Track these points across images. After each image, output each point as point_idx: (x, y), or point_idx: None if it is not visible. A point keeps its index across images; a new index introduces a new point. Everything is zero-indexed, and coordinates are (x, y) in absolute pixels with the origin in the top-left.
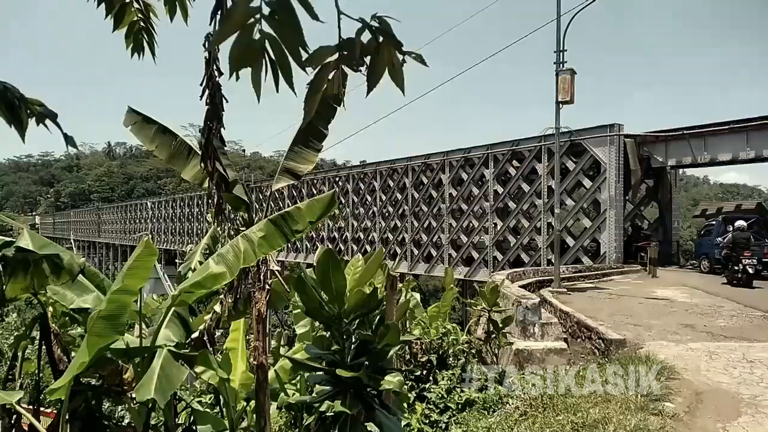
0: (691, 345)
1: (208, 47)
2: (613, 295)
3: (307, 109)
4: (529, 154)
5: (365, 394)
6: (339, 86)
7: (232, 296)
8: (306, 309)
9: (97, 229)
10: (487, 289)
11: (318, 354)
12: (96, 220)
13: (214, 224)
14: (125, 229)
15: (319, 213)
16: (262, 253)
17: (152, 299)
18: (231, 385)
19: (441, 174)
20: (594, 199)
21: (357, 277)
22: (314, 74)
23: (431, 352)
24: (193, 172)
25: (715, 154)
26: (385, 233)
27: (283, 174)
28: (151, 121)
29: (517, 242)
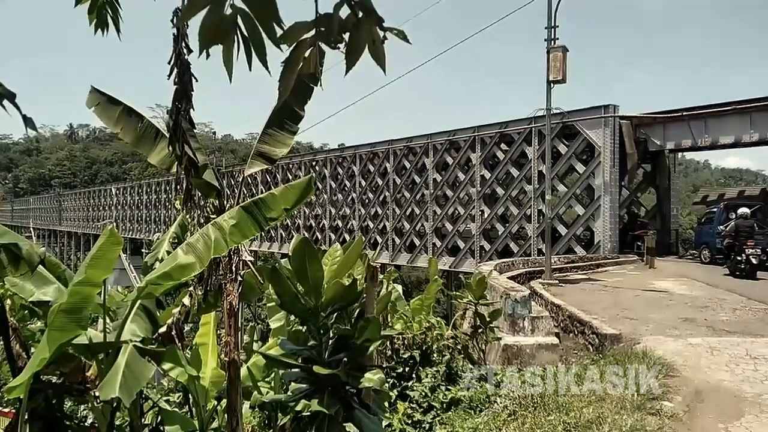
0: (691, 340)
1: (176, 23)
2: (608, 287)
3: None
4: (518, 137)
5: (344, 393)
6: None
7: (201, 288)
8: (281, 302)
9: (58, 216)
10: (474, 281)
11: (293, 350)
12: (57, 207)
13: (183, 211)
14: (88, 216)
15: (294, 199)
16: (233, 242)
17: (117, 291)
18: (201, 383)
19: (424, 158)
20: (587, 185)
21: (335, 268)
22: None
23: (414, 347)
24: (160, 156)
25: (717, 137)
26: (365, 221)
27: (257, 158)
28: (115, 101)
29: (505, 231)
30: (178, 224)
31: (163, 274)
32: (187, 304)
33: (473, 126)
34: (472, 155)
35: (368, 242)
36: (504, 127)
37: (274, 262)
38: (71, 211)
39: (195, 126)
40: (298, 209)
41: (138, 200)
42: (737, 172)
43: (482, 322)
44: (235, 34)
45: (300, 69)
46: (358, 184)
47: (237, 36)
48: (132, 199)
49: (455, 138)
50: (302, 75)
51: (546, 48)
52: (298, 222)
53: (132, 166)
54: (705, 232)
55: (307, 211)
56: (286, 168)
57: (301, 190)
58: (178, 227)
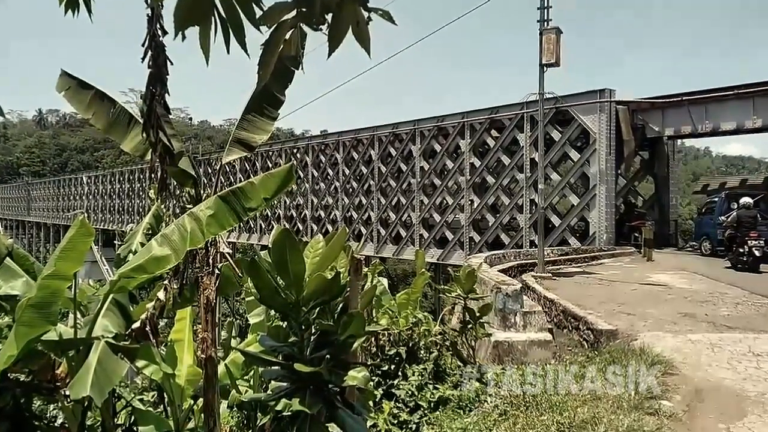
0: (691, 336)
1: (150, 2)
2: (604, 280)
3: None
4: (509, 123)
5: (326, 392)
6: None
7: (177, 282)
8: (260, 296)
9: (26, 206)
10: (463, 274)
11: (273, 346)
12: (25, 196)
13: (158, 201)
14: (58, 206)
15: (274, 188)
16: (211, 233)
17: (88, 285)
18: (176, 381)
19: (411, 145)
20: (582, 173)
21: (317, 261)
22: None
23: (400, 344)
24: (133, 143)
25: (718, 123)
26: (349, 211)
27: (235, 145)
28: (87, 86)
29: (496, 221)
30: (152, 215)
31: (137, 266)
32: (162, 298)
33: (462, 111)
34: (461, 142)
35: (352, 233)
36: (495, 112)
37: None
38: (40, 200)
39: (170, 111)
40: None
41: (110, 189)
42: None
43: (472, 318)
44: (212, 15)
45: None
46: (342, 172)
47: (214, 17)
48: (104, 188)
49: (443, 124)
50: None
51: (539, 29)
52: (279, 212)
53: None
54: (705, 223)
55: (288, 200)
56: (266, 156)
57: (281, 178)
58: (152, 218)
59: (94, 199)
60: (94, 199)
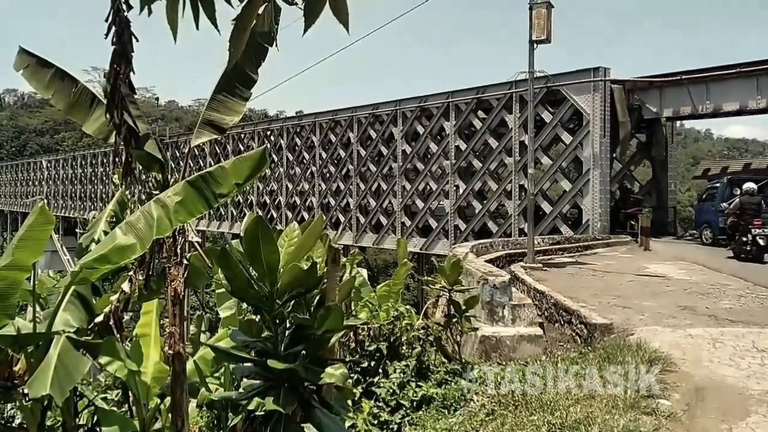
0: (691, 331)
1: None
2: (598, 271)
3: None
4: (497, 104)
5: (302, 390)
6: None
7: (143, 273)
8: (231, 288)
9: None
10: (448, 265)
11: (245, 342)
12: None
13: (122, 187)
14: (15, 192)
15: (247, 173)
16: (179, 221)
17: (48, 276)
18: (142, 379)
19: (392, 127)
20: (575, 157)
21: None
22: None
23: (381, 339)
24: (96, 124)
25: (720, 104)
26: (326, 198)
27: (205, 127)
28: (47, 64)
29: (483, 208)
30: (116, 201)
31: (100, 257)
32: (126, 290)
33: (447, 91)
34: (445, 124)
35: (329, 221)
36: (481, 92)
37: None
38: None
39: (135, 91)
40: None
41: (72, 174)
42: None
43: (457, 311)
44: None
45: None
46: (318, 156)
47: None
48: (65, 172)
49: (427, 105)
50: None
51: (528, 3)
52: (251, 199)
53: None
54: (706, 210)
55: (261, 186)
56: (238, 138)
57: (254, 162)
58: (116, 204)
59: (55, 184)
60: (55, 185)
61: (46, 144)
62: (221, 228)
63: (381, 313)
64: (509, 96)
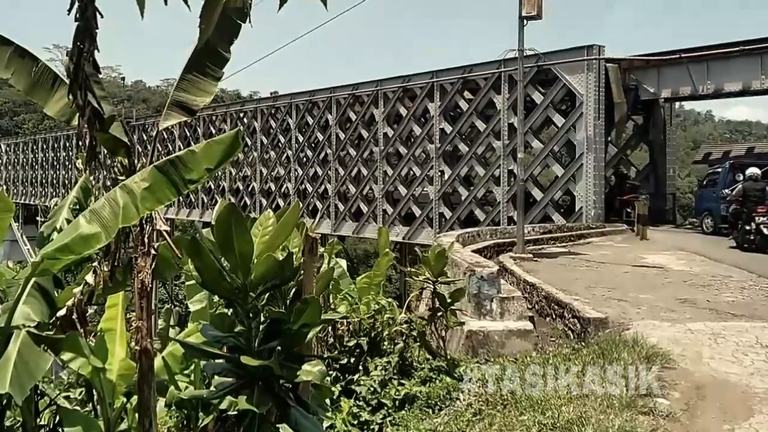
0: (691, 325)
1: None
2: (592, 262)
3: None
4: (484, 84)
5: (277, 388)
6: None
7: (108, 264)
8: (202, 280)
9: None
10: (432, 255)
11: (217, 337)
12: None
13: (86, 172)
14: None
15: (218, 158)
16: (146, 208)
17: (7, 267)
18: (107, 377)
19: (373, 108)
20: (567, 141)
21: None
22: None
23: (361, 334)
24: (58, 106)
25: (722, 84)
26: (303, 184)
27: (173, 108)
28: (5, 41)
29: (469, 195)
30: (80, 187)
31: (62, 246)
32: (90, 282)
33: (431, 71)
34: (429, 105)
35: (306, 208)
36: (468, 71)
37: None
38: None
39: (100, 70)
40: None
41: (33, 159)
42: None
43: (442, 304)
44: None
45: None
46: (295, 139)
47: None
48: (25, 157)
49: (410, 85)
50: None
51: None
52: (223, 185)
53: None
54: (707, 197)
55: (234, 171)
56: (209, 121)
57: (226, 146)
58: (79, 191)
59: (14, 169)
60: (14, 170)
61: (4, 126)
62: (191, 216)
63: (361, 307)
64: (497, 75)
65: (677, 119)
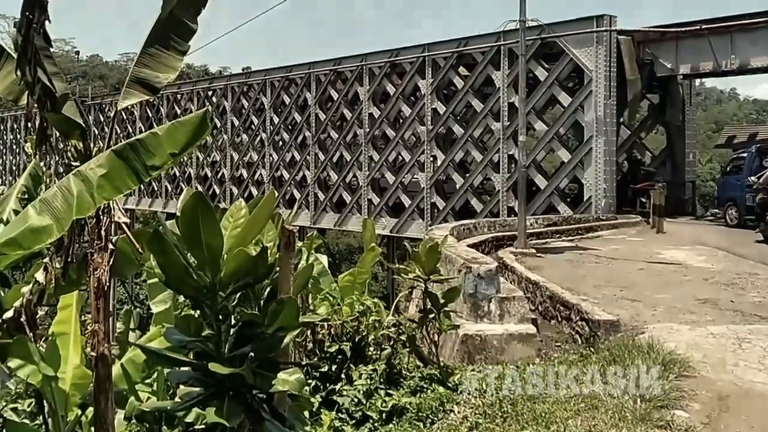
0: (713, 329)
1: None
2: (602, 257)
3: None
4: (482, 58)
5: (250, 399)
6: None
7: (60, 260)
8: (165, 278)
9: None
10: (423, 250)
11: (182, 341)
12: None
13: (36, 157)
14: None
15: (184, 141)
16: (103, 198)
17: None
18: (59, 386)
19: (357, 86)
20: (575, 122)
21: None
22: None
23: (343, 338)
24: (5, 83)
25: (747, 58)
26: (278, 170)
27: (134, 86)
28: None
29: (465, 183)
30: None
31: (9, 240)
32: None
33: (422, 44)
34: (420, 82)
35: (282, 198)
36: (463, 44)
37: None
38: None
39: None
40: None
41: None
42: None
43: (434, 305)
44: None
45: None
46: (269, 120)
47: None
48: None
49: (399, 59)
50: None
51: None
52: (189, 171)
53: None
54: (731, 185)
55: (201, 156)
56: (174, 100)
57: (193, 128)
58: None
59: None
60: None
61: None
62: (153, 206)
63: (344, 308)
64: (496, 49)
65: (697, 98)
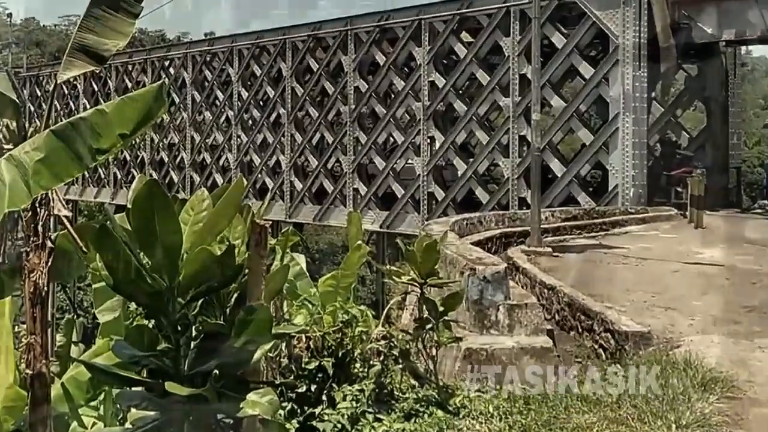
0: (761, 342)
1: None
2: (630, 257)
3: None
4: (488, 22)
5: (214, 424)
6: None
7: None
8: (114, 281)
9: None
10: (419, 249)
11: (134, 357)
12: None
13: None
14: None
15: (136, 120)
16: (40, 187)
17: None
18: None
19: (341, 55)
20: (598, 97)
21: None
22: None
23: (324, 353)
24: None
25: None
26: (248, 154)
27: (77, 55)
28: None
29: (468, 170)
30: None
31: None
32: None
33: (417, 5)
34: (415, 51)
35: (252, 187)
36: (466, 5)
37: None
38: None
39: None
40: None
41: None
42: None
43: (432, 314)
44: None
45: None
46: (237, 95)
47: None
48: None
49: (389, 23)
50: None
51: None
52: (142, 155)
53: None
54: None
55: (157, 138)
56: (124, 71)
57: (146, 105)
58: None
59: None
60: None
61: None
62: (100, 197)
63: (325, 317)
64: (505, 12)
65: (743, 69)
